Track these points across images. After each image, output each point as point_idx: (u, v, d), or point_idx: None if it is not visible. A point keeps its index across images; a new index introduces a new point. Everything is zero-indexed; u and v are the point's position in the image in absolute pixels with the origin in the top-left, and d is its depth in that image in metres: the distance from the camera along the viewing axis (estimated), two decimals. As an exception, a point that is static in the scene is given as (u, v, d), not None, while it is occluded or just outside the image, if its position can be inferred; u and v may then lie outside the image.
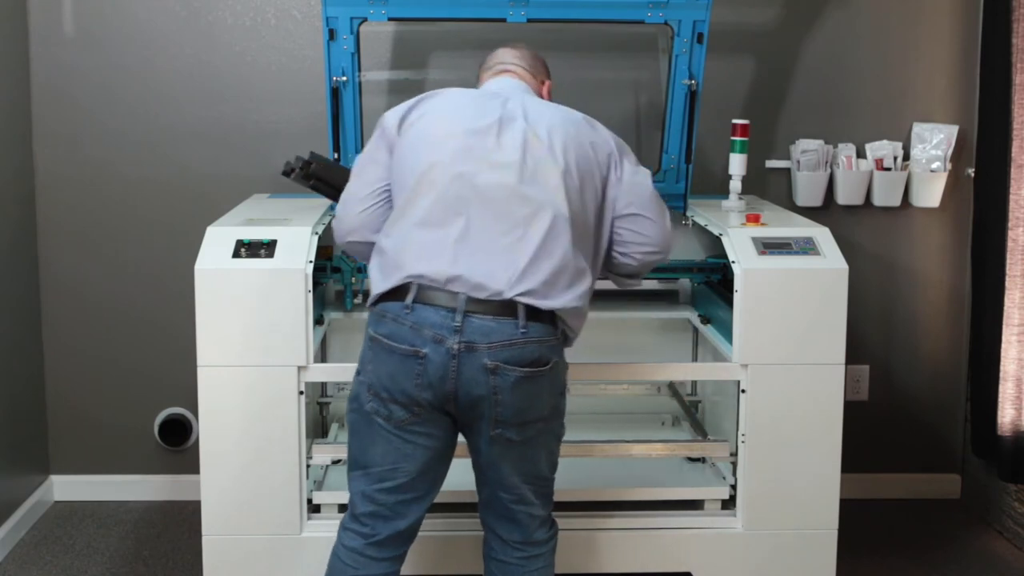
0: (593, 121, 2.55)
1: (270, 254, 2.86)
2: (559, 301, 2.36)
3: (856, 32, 3.83)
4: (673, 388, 3.63)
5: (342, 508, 2.87)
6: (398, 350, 2.33)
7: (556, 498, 3.01)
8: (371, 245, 2.48)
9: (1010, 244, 3.53)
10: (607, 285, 3.55)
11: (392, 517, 2.45)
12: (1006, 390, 3.56)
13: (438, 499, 2.83)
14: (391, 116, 2.49)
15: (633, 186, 2.52)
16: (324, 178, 2.89)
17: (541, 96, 2.68)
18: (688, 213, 3.45)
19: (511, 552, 2.52)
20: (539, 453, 2.47)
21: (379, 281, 2.40)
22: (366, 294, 3.23)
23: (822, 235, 3.03)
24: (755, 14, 3.80)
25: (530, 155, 2.39)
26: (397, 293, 2.35)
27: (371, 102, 3.55)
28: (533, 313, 2.34)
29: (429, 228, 2.35)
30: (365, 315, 2.61)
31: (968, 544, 3.68)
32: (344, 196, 2.55)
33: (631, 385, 3.64)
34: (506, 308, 2.32)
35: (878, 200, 3.84)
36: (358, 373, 2.44)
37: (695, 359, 3.56)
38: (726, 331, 3.04)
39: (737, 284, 2.91)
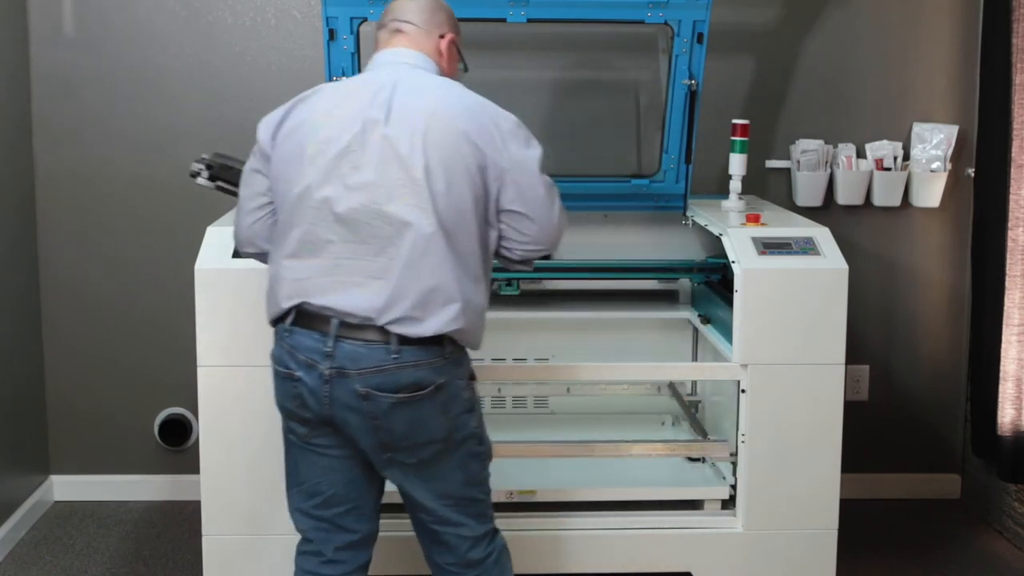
0: (481, 104, 2.33)
1: (270, 254, 2.85)
2: (433, 325, 2.23)
3: (856, 32, 3.83)
4: (673, 388, 3.63)
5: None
6: (280, 372, 2.33)
7: (556, 498, 3.03)
8: (267, 253, 2.42)
9: (1010, 244, 3.53)
10: (607, 285, 3.57)
11: (336, 530, 2.42)
12: (1006, 390, 3.56)
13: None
14: (263, 129, 2.36)
15: (518, 178, 2.30)
16: (227, 180, 2.82)
17: (439, 53, 2.45)
18: (688, 213, 3.45)
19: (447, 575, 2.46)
20: (447, 473, 2.36)
21: (268, 303, 2.36)
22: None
23: (822, 235, 3.03)
24: (755, 14, 3.80)
25: (388, 171, 2.23)
26: (283, 316, 2.31)
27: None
28: (407, 337, 2.23)
29: (300, 259, 2.27)
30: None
31: (968, 544, 3.67)
32: (237, 206, 2.46)
33: (631, 385, 3.64)
34: (379, 333, 2.23)
35: (878, 200, 3.84)
36: None
37: (695, 359, 3.56)
38: (726, 331, 3.04)
39: (737, 284, 2.91)
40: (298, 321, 2.28)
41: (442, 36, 2.47)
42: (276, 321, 2.34)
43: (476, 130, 2.27)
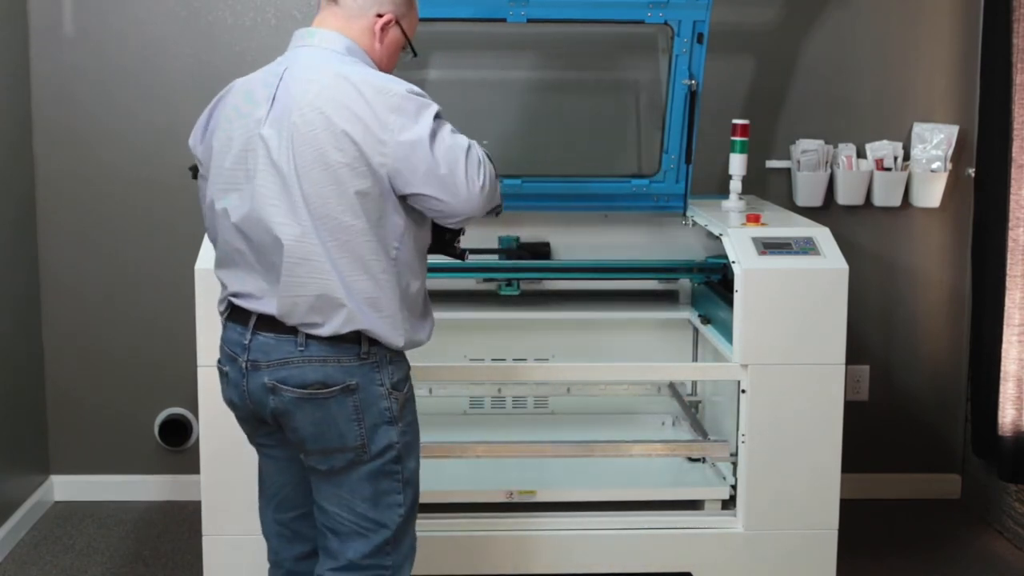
0: (364, 86, 2.12)
1: (270, 254, 2.85)
2: (331, 327, 2.13)
3: (856, 32, 3.83)
4: (673, 388, 3.63)
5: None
6: (218, 368, 2.33)
7: (556, 498, 3.02)
8: None
9: (1010, 244, 3.53)
10: (608, 285, 3.57)
11: (293, 538, 2.38)
12: (1006, 390, 3.56)
13: (436, 499, 2.84)
14: (193, 134, 2.34)
15: (408, 162, 2.10)
16: None
17: (372, 34, 2.26)
18: (688, 213, 3.45)
19: None
20: (356, 487, 2.21)
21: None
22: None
23: (822, 235, 3.03)
24: (755, 14, 3.80)
25: (263, 176, 2.14)
26: (221, 314, 2.32)
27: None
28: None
29: (221, 268, 2.28)
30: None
31: (968, 544, 3.67)
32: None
33: (631, 385, 3.64)
34: (290, 326, 2.17)
35: (878, 200, 3.84)
36: None
37: (695, 359, 3.56)
38: (726, 331, 3.04)
39: (737, 284, 2.91)
40: (230, 317, 2.27)
41: (380, 15, 2.25)
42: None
43: (352, 118, 2.09)
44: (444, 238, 2.35)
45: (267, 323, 2.19)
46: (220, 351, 2.31)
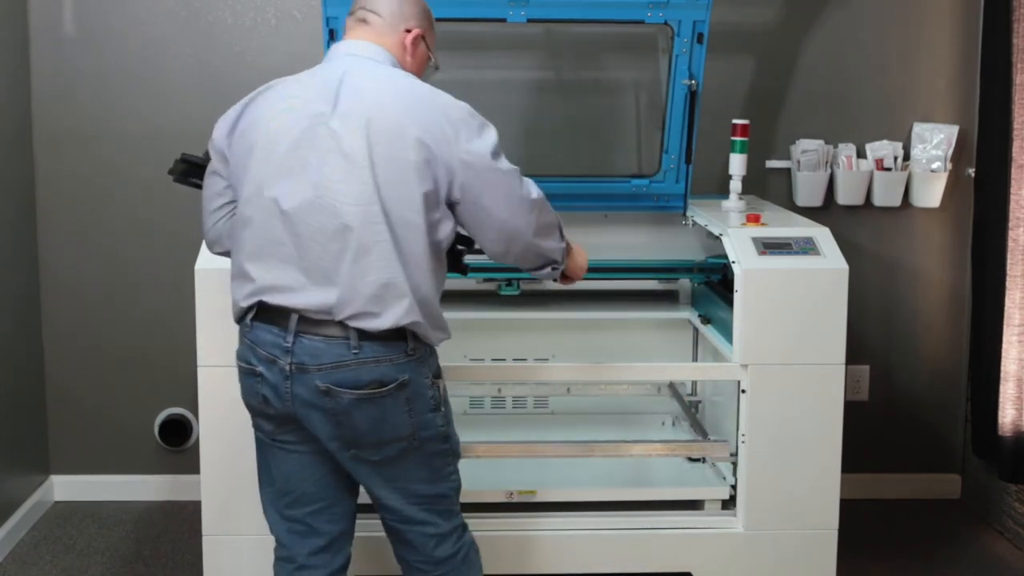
0: (430, 95, 2.27)
1: (270, 254, 2.85)
2: (390, 319, 2.20)
3: (856, 32, 3.83)
4: (673, 388, 3.63)
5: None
6: (243, 368, 2.33)
7: (556, 498, 3.03)
8: None
9: (1010, 244, 3.53)
10: (607, 285, 3.57)
11: (308, 533, 2.40)
12: (1006, 390, 3.56)
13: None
14: (219, 128, 2.36)
15: (470, 171, 2.24)
16: (197, 178, 2.82)
17: (403, 48, 2.39)
18: (688, 213, 3.45)
19: (416, 573, 2.44)
20: (413, 470, 2.34)
21: (232, 302, 2.36)
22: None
23: (822, 235, 3.03)
24: (755, 14, 3.80)
25: (333, 166, 2.20)
26: (244, 312, 2.31)
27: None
28: (368, 333, 2.21)
29: (254, 261, 2.26)
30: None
31: (968, 544, 3.67)
32: (203, 206, 2.46)
33: (631, 385, 3.64)
34: (338, 328, 2.21)
35: (878, 200, 3.84)
36: None
37: (695, 359, 3.56)
38: (726, 331, 3.04)
39: (737, 284, 2.91)
40: (258, 316, 2.27)
41: (408, 31, 2.40)
42: (239, 319, 2.34)
43: (424, 123, 2.22)
44: (455, 251, 2.44)
45: (309, 324, 2.21)
46: (248, 350, 2.30)
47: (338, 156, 2.20)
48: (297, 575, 2.42)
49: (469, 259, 2.54)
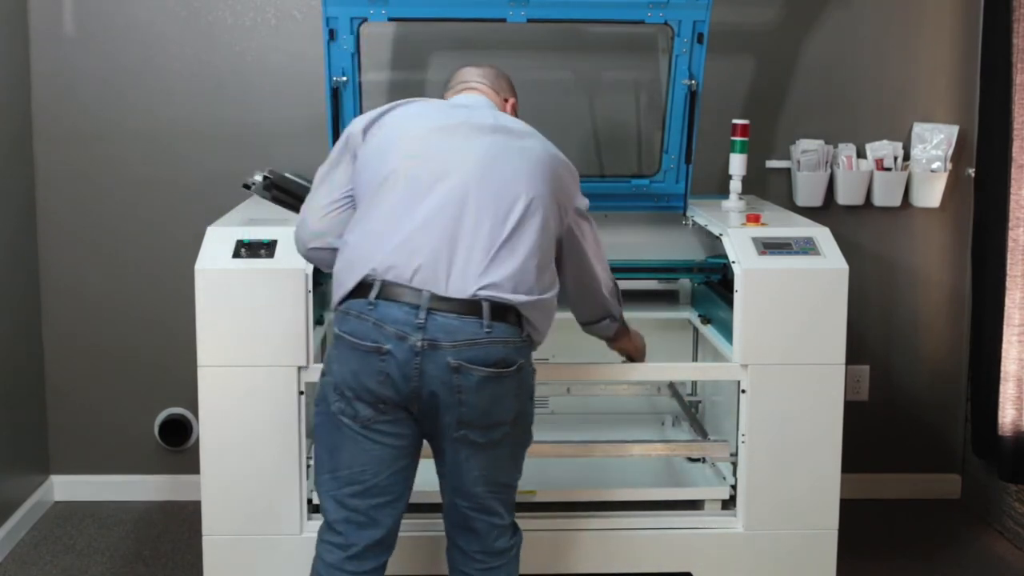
0: (561, 156, 2.53)
1: (270, 254, 2.86)
2: (523, 296, 2.34)
3: (856, 32, 3.83)
4: (673, 388, 3.63)
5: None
6: (361, 347, 2.31)
7: (556, 498, 3.03)
8: (334, 252, 2.46)
9: (1010, 244, 3.53)
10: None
11: (367, 524, 2.39)
12: (1006, 390, 3.56)
13: (437, 499, 2.83)
14: (357, 123, 2.48)
15: (576, 217, 2.55)
16: (285, 188, 2.88)
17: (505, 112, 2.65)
18: (688, 213, 3.45)
19: (471, 563, 2.47)
20: (504, 458, 2.43)
21: (344, 279, 2.39)
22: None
23: (822, 235, 3.03)
24: (755, 14, 3.80)
25: (498, 148, 2.40)
26: (361, 290, 2.33)
27: (371, 102, 3.55)
28: (498, 313, 2.31)
29: (392, 226, 2.33)
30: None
31: (968, 544, 3.67)
32: (307, 203, 2.53)
33: (631, 385, 3.64)
34: (470, 306, 2.29)
35: (878, 200, 3.84)
36: (324, 375, 2.42)
37: (695, 359, 3.56)
38: (726, 331, 3.04)
39: (737, 284, 2.91)
40: (383, 294, 2.30)
41: (506, 100, 2.69)
42: (351, 296, 2.36)
43: (567, 178, 2.51)
44: None
45: (441, 302, 2.29)
46: (370, 329, 2.30)
47: (511, 147, 2.42)
48: (352, 564, 2.40)
49: None
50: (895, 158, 3.82)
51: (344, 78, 3.22)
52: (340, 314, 2.38)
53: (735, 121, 3.39)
